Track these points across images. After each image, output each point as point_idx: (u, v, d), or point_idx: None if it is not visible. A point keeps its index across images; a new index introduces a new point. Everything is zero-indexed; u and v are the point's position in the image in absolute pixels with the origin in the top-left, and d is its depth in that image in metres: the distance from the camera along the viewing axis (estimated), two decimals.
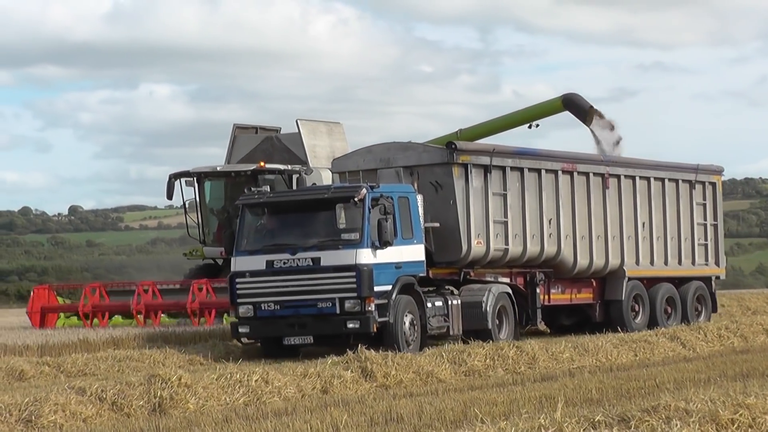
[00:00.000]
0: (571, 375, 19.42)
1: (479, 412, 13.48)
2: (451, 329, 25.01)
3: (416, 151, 25.99)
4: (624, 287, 29.32)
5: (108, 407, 15.70)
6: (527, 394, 16.03)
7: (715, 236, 32.30)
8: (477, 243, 25.78)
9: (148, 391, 16.20)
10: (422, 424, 13.10)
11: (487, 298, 25.59)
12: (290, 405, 16.19)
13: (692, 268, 31.54)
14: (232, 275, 24.11)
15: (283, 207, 24.53)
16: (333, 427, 13.13)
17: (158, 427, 14.19)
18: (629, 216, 29.79)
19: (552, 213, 27.67)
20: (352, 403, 15.85)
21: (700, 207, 31.85)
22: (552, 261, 27.77)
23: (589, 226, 28.65)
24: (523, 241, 26.92)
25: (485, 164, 26.14)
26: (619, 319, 29.01)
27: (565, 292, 28.63)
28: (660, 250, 30.61)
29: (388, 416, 14.00)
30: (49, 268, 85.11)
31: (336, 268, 23.29)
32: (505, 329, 26.08)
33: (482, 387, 18.03)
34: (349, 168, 26.59)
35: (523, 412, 12.42)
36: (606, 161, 30.05)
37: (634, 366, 21.29)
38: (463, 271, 26.03)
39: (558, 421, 10.09)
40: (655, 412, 10.28)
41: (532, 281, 27.35)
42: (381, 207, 23.38)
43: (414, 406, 14.83)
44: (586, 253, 28.52)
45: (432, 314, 24.51)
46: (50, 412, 14.94)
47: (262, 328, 23.92)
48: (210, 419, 14.73)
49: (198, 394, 16.46)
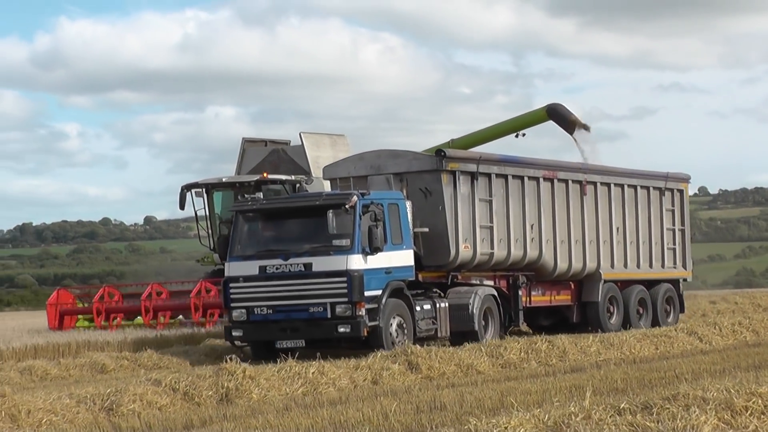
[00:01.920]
0: (598, 367, 19.28)
1: (515, 400, 13.42)
2: (439, 331, 23.79)
3: (406, 159, 24.66)
4: (600, 289, 28.17)
5: (180, 397, 15.76)
6: (558, 384, 15.93)
7: (683, 241, 31.21)
8: (464, 247, 24.61)
9: (216, 383, 16.25)
10: (463, 412, 13.05)
11: (473, 301, 24.36)
12: (344, 395, 16.17)
13: (662, 271, 30.48)
14: (226, 280, 22.89)
15: (275, 214, 23.24)
16: (383, 414, 13.11)
17: (225, 415, 14.21)
18: (605, 221, 28.70)
19: (534, 218, 26.55)
20: (400, 393, 15.81)
21: (669, 213, 30.74)
22: (534, 264, 26.57)
23: (568, 231, 27.51)
24: (508, 245, 25.73)
25: (472, 171, 24.90)
26: (596, 320, 27.96)
27: (546, 294, 27.45)
28: (633, 254, 29.51)
29: (432, 405, 13.96)
30: (126, 272, 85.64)
31: (327, 273, 21.99)
32: (490, 330, 24.86)
33: (517, 378, 17.94)
34: (340, 175, 25.26)
35: (554, 401, 12.36)
36: (584, 169, 28.89)
37: (655, 358, 21.13)
38: (451, 275, 24.80)
39: (587, 408, 10.03)
40: (675, 400, 10.19)
41: (515, 284, 26.12)
42: (371, 214, 22.13)
43: (456, 396, 14.78)
44: (565, 256, 27.37)
45: (421, 317, 23.29)
46: (129, 402, 15.02)
47: (255, 332, 22.60)
48: (272, 408, 14.75)
49: (261, 385, 16.48)
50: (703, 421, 9.46)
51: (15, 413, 14.02)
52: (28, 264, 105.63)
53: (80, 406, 14.74)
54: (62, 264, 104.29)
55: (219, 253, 23.76)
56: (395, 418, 12.76)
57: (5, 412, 13.97)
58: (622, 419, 9.71)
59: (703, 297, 45.14)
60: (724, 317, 29.61)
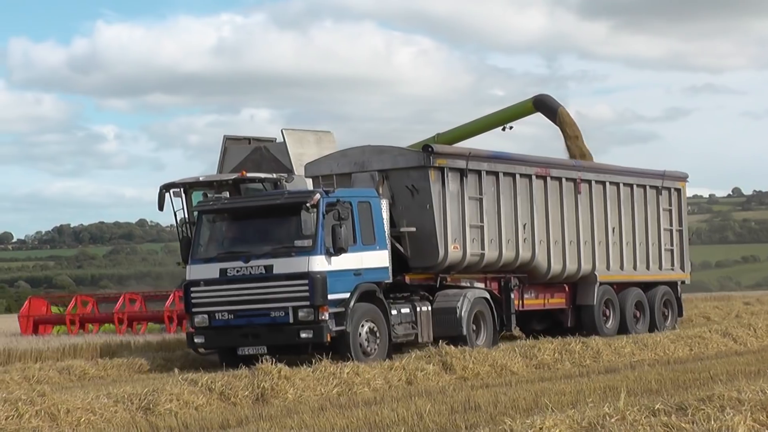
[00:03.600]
0: (632, 368, 19.20)
1: (549, 401, 13.38)
2: (420, 336, 22.38)
3: (392, 155, 23.18)
4: (595, 292, 26.83)
5: (216, 396, 15.81)
6: (592, 385, 15.88)
7: (680, 242, 29.89)
8: (453, 248, 23.22)
9: (251, 383, 16.29)
10: (497, 412, 13.03)
11: (462, 304, 22.90)
12: (378, 395, 16.17)
13: (659, 273, 29.13)
14: (187, 284, 21.54)
15: (237, 213, 21.82)
16: (417, 414, 13.10)
17: (261, 415, 14.24)
18: (600, 221, 27.36)
19: (526, 218, 25.19)
20: (434, 393, 15.80)
21: (666, 213, 29.43)
22: (526, 266, 25.20)
23: (562, 232, 26.12)
24: (499, 246, 24.34)
25: (461, 168, 23.48)
26: (591, 324, 26.63)
27: (539, 297, 26.12)
28: (629, 255, 28.25)
29: (466, 405, 13.94)
30: (162, 273, 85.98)
31: (288, 276, 20.57)
32: (483, 335, 23.48)
33: (551, 378, 17.88)
34: (323, 172, 23.80)
35: (588, 401, 12.31)
36: (578, 166, 27.45)
37: (689, 359, 21.01)
38: (440, 277, 23.38)
39: (621, 409, 9.99)
40: (710, 402, 10.14)
41: (507, 286, 24.66)
42: (335, 212, 20.60)
43: (490, 396, 14.75)
44: (559, 258, 26.04)
45: (397, 321, 21.84)
46: (166, 401, 15.09)
47: (217, 338, 21.29)
48: (307, 407, 14.76)
49: (296, 385, 16.51)
50: (738, 422, 9.40)
51: (54, 412, 14.12)
52: (65, 265, 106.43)
53: (118, 406, 14.82)
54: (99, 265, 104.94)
55: (182, 255, 22.34)
56: (430, 419, 12.76)
57: (45, 411, 14.07)
58: (657, 420, 9.67)
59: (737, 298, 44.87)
60: (758, 318, 29.29)
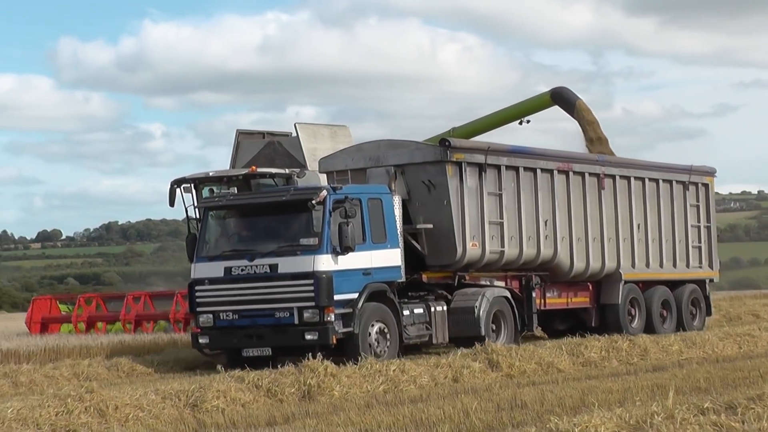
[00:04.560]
0: (680, 366, 19.07)
1: (596, 399, 13.33)
2: (435, 337, 21.79)
3: (408, 149, 22.49)
4: (620, 291, 26.00)
5: (263, 393, 15.87)
6: (640, 383, 15.78)
7: (709, 238, 28.98)
8: (472, 245, 22.50)
9: (298, 380, 16.34)
10: (544, 410, 12.98)
11: (480, 303, 22.25)
12: (424, 392, 16.16)
13: (687, 271, 28.22)
14: (191, 283, 21.02)
15: (243, 210, 21.28)
16: (463, 412, 13.08)
17: (308, 412, 14.28)
18: (625, 217, 26.52)
19: (548, 214, 24.39)
20: (481, 391, 15.77)
21: (693, 208, 28.53)
22: (548, 264, 24.43)
23: (585, 228, 25.38)
24: (519, 243, 23.61)
25: (480, 163, 22.74)
26: (615, 324, 25.66)
27: (562, 296, 25.35)
28: (655, 253, 27.36)
29: (513, 403, 13.90)
30: None
31: (293, 275, 19.96)
32: (503, 335, 22.81)
33: (598, 376, 17.79)
34: (337, 167, 23.14)
35: (636, 400, 12.27)
36: (601, 161, 26.56)
37: (738, 357, 20.82)
38: (458, 275, 22.69)
39: (669, 408, 9.92)
40: (760, 400, 10.06)
41: (528, 285, 23.92)
42: (343, 210, 19.96)
43: (536, 394, 14.70)
44: (582, 255, 25.25)
45: (409, 322, 21.24)
46: (213, 398, 15.16)
47: (221, 339, 20.71)
48: (353, 405, 14.77)
49: (342, 382, 16.53)
50: None
51: (103, 408, 14.22)
52: (113, 262, 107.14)
53: (165, 402, 14.90)
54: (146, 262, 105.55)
55: (187, 253, 21.71)
56: (476, 416, 12.73)
57: (94, 408, 14.18)
58: (706, 419, 9.60)
59: None
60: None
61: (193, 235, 21.90)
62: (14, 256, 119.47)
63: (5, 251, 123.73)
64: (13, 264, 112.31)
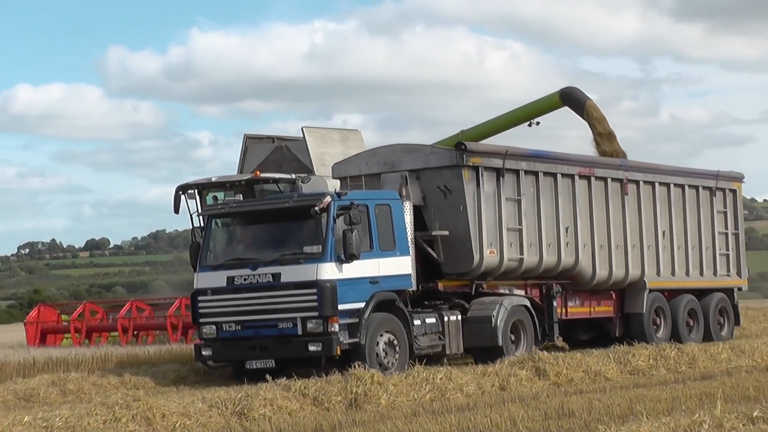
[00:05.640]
0: (729, 374, 18.91)
1: (644, 408, 13.25)
2: (448, 347, 21.01)
3: (423, 153, 21.84)
4: (645, 299, 25.10)
5: (310, 402, 15.88)
6: (688, 391, 15.67)
7: (737, 246, 28.01)
8: (489, 252, 21.82)
9: (344, 388, 16.33)
10: (591, 419, 12.92)
11: (498, 313, 21.52)
12: (471, 401, 16.12)
13: (714, 279, 27.26)
14: (194, 293, 20.33)
15: (245, 217, 20.64)
16: (510, 421, 13.04)
17: (354, 420, 14.27)
18: (649, 224, 25.60)
19: (569, 220, 23.59)
20: (528, 399, 15.72)
21: (720, 215, 27.62)
22: (569, 272, 23.60)
23: (607, 235, 24.49)
24: (539, 250, 22.81)
25: (497, 167, 22.03)
26: (640, 334, 24.73)
27: (584, 305, 24.53)
28: (681, 260, 26.38)
29: (560, 411, 13.85)
30: None
31: (296, 284, 19.27)
32: (522, 345, 22.04)
33: (646, 385, 17.69)
34: (351, 173, 22.49)
35: (684, 408, 12.18)
36: (624, 166, 25.59)
37: None
38: (475, 284, 22.01)
39: (718, 416, 9.85)
40: None
41: (549, 294, 23.20)
42: (347, 216, 19.26)
43: (584, 402, 14.64)
44: (605, 263, 24.36)
45: (421, 332, 20.48)
46: (260, 406, 15.20)
47: (225, 351, 20.05)
48: (400, 413, 14.76)
49: (389, 390, 16.51)
50: None
51: (150, 416, 14.30)
52: (161, 270, 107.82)
53: (212, 410, 14.97)
54: None
55: (191, 262, 21.02)
56: (523, 425, 12.69)
57: (141, 416, 14.26)
58: (755, 428, 9.53)
59: None
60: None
61: (196, 243, 21.40)
62: (63, 265, 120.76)
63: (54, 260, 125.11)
64: (62, 272, 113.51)
